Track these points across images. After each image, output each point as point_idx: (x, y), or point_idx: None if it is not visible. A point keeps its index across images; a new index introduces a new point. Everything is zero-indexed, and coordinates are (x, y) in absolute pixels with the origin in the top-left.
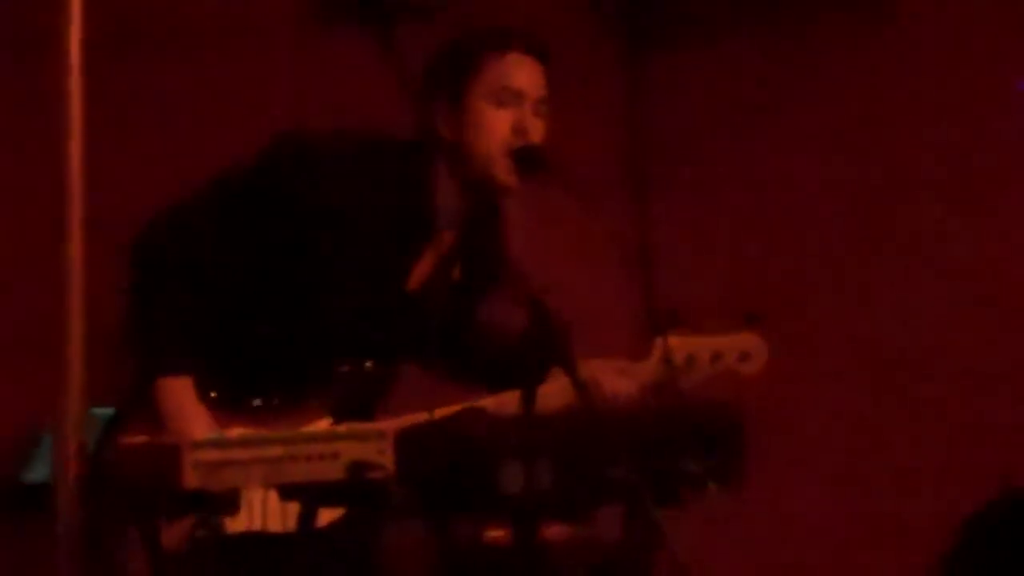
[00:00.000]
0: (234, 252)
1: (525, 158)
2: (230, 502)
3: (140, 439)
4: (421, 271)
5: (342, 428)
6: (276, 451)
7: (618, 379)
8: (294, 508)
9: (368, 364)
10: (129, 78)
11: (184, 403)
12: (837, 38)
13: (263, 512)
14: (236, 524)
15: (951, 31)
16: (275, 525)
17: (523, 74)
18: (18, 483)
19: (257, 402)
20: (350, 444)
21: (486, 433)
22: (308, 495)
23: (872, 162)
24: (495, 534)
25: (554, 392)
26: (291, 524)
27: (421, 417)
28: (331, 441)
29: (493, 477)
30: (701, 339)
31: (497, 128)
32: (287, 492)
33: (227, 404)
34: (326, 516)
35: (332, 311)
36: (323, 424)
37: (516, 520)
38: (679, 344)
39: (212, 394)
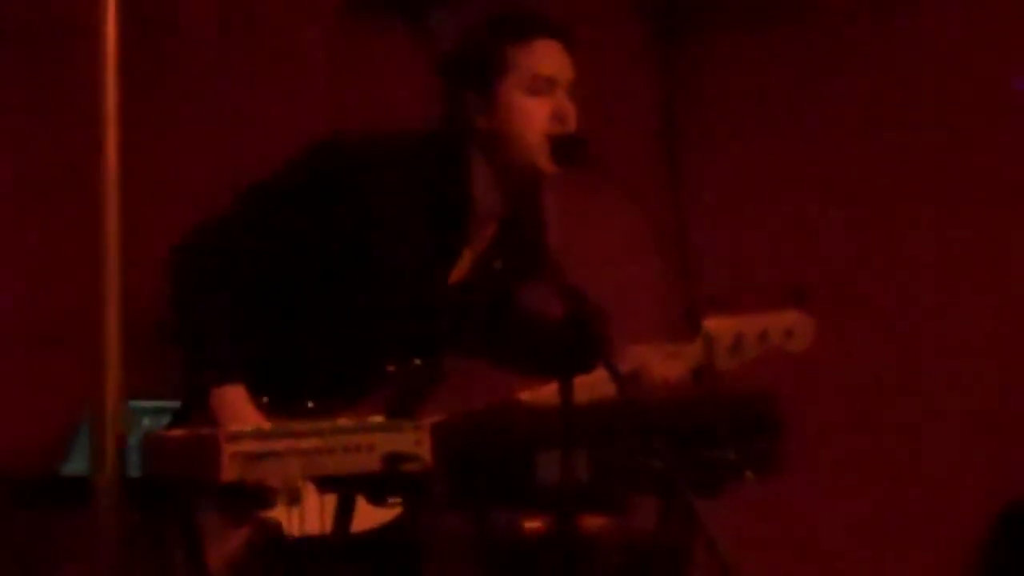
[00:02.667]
0: (276, 258)
1: (564, 147)
2: (266, 495)
3: (180, 431)
4: (463, 265)
5: (378, 420)
6: (313, 443)
7: (668, 363)
8: (331, 508)
9: (417, 362)
10: (164, 73)
11: (239, 411)
12: (872, 22)
13: (301, 514)
14: (293, 525)
15: (980, 15)
16: (313, 526)
17: (552, 60)
18: (56, 476)
19: (310, 404)
20: (387, 436)
21: (524, 424)
22: (345, 487)
23: (910, 146)
24: (532, 525)
25: (594, 382)
26: (328, 524)
27: (458, 410)
28: (368, 433)
29: (531, 468)
30: (746, 318)
31: (534, 117)
32: (324, 484)
33: (279, 408)
34: (375, 518)
35: (377, 310)
36: None
37: (554, 511)
38: (725, 325)
39: (263, 399)
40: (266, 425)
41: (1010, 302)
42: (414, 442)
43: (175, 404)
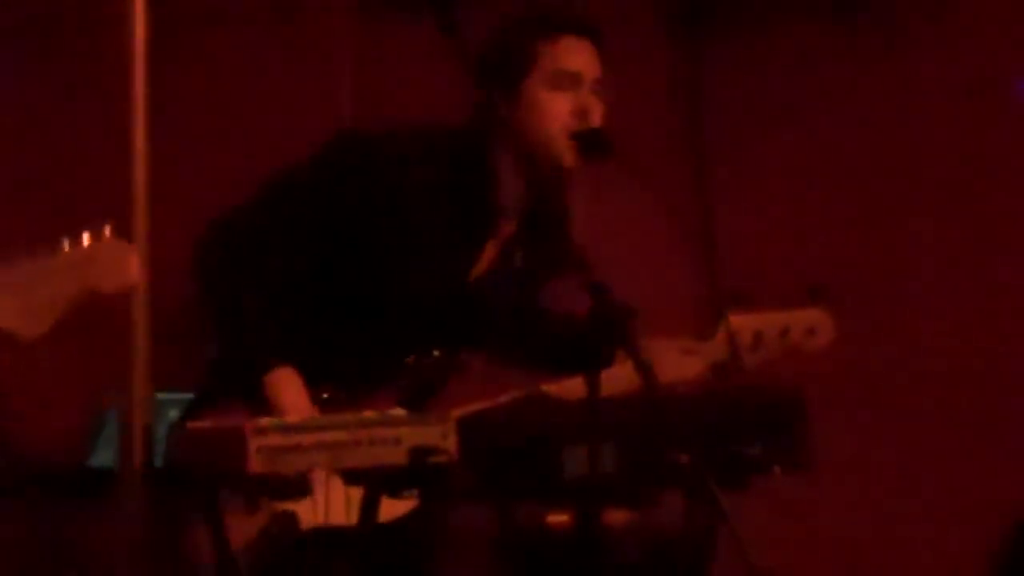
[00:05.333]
0: (297, 249)
1: (587, 141)
2: (296, 487)
3: (206, 424)
4: (485, 258)
5: (405, 413)
6: (339, 436)
7: (683, 360)
8: (357, 500)
9: (436, 354)
10: (190, 65)
11: (295, 394)
12: (901, 12)
13: (327, 505)
14: (305, 519)
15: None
16: (339, 518)
17: (578, 57)
18: (83, 467)
19: (326, 395)
20: (413, 429)
21: (549, 418)
22: (371, 480)
23: (945, 136)
24: (557, 518)
25: (619, 376)
26: (354, 517)
27: (484, 404)
28: (394, 426)
29: (556, 462)
30: (767, 315)
31: (557, 112)
32: (350, 477)
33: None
34: (395, 510)
35: (397, 303)
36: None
37: (578, 505)
38: (746, 322)
39: (323, 394)
40: (301, 416)
41: None
42: (440, 435)
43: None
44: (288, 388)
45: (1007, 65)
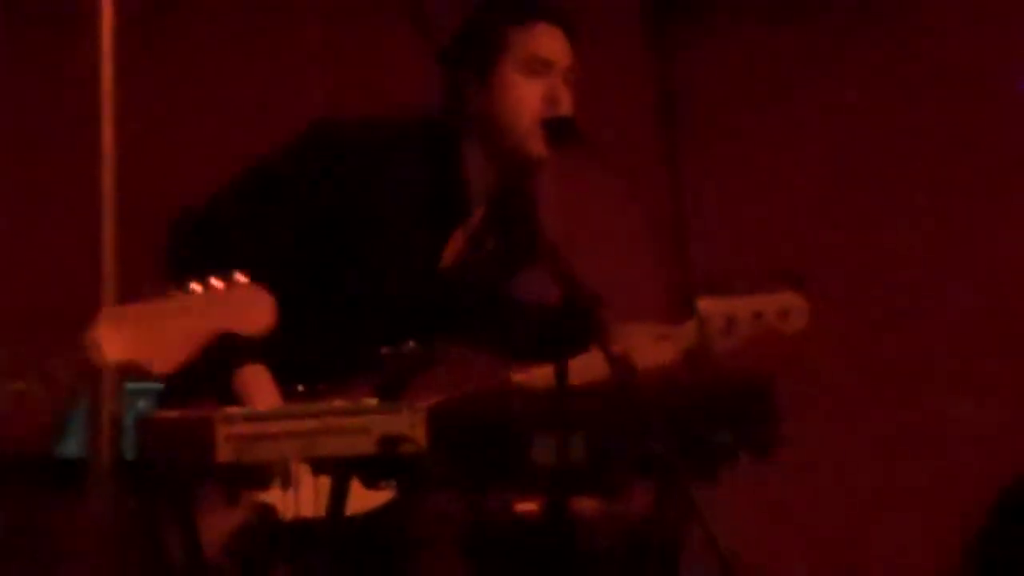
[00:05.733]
0: (269, 238)
1: (556, 129)
2: (262, 476)
3: (174, 413)
4: (454, 247)
5: (374, 402)
6: (309, 425)
7: (656, 346)
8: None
9: (410, 345)
10: (162, 56)
11: (265, 390)
12: (875, 4)
13: (295, 496)
14: (288, 509)
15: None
16: (309, 509)
17: (550, 44)
18: (51, 457)
19: (300, 388)
20: (382, 418)
21: (519, 407)
22: (340, 469)
23: (910, 129)
24: (526, 507)
25: (590, 364)
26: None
27: (456, 393)
28: (363, 415)
29: (525, 450)
30: (740, 299)
31: (528, 99)
32: (320, 467)
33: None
34: (368, 501)
35: (368, 292)
36: None
37: (548, 493)
38: (717, 306)
39: (298, 387)
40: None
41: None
42: (409, 425)
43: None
44: (258, 383)
45: (986, 56)
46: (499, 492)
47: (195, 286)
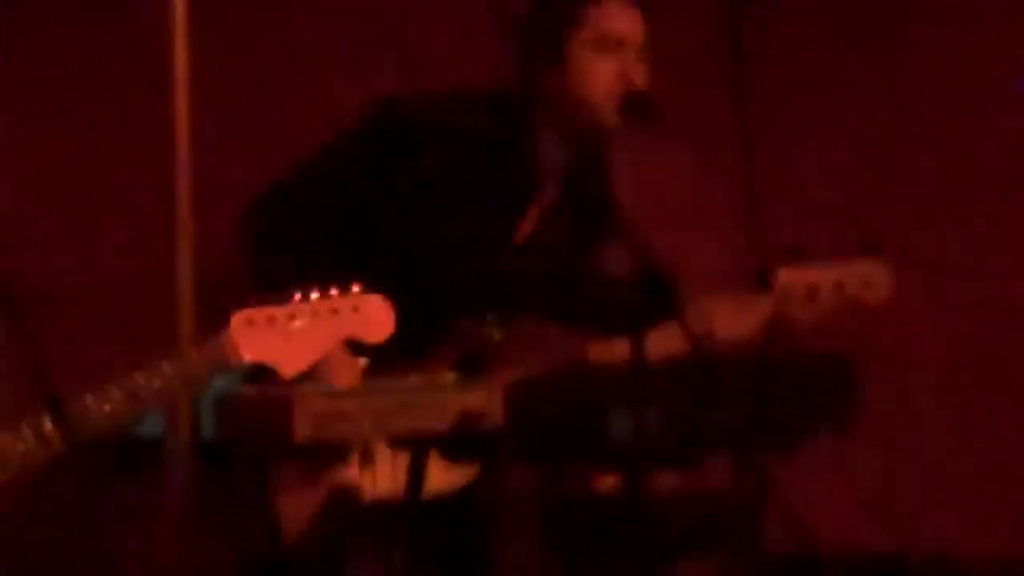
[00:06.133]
0: (344, 222)
1: (632, 104)
2: (340, 452)
3: (251, 391)
4: (528, 223)
5: (451, 378)
6: (385, 402)
7: (737, 317)
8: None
9: (490, 319)
10: (231, 36)
11: (339, 358)
12: None
13: (375, 475)
14: (370, 489)
15: None
16: (387, 488)
17: (623, 21)
18: (130, 438)
19: (365, 359)
20: (459, 395)
21: (596, 382)
22: (418, 445)
23: (977, 112)
24: (604, 482)
25: (667, 337)
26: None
27: (530, 368)
28: (440, 392)
29: (603, 425)
30: (819, 269)
31: (601, 76)
32: (397, 443)
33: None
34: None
35: (442, 268)
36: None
37: (625, 468)
38: (800, 276)
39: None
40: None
41: None
42: (486, 400)
43: None
44: (338, 355)
45: None
46: (577, 468)
47: (316, 294)
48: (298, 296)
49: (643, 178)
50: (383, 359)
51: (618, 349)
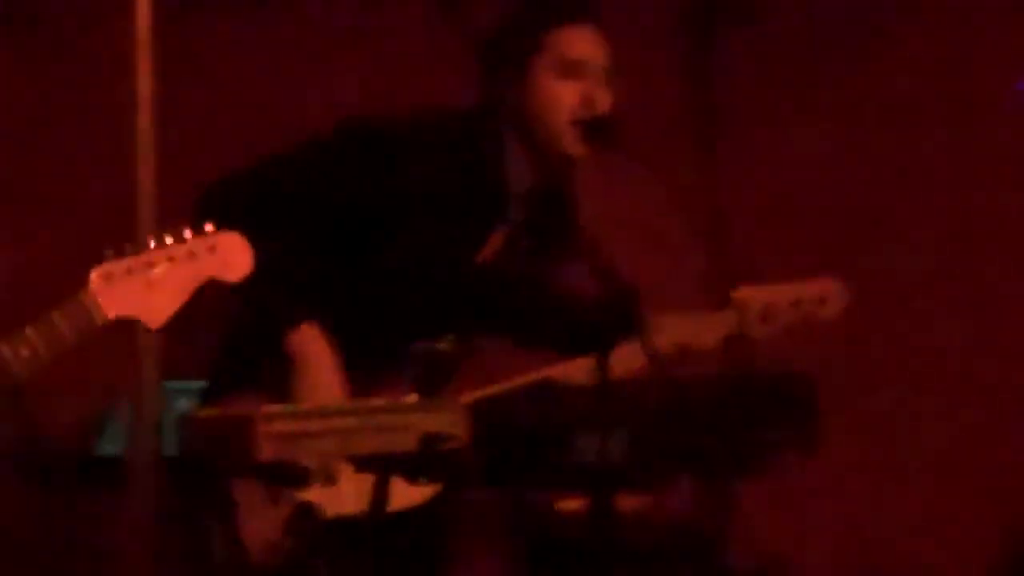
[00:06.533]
0: (301, 233)
1: (592, 129)
2: (302, 474)
3: (214, 411)
4: (493, 243)
5: (416, 399)
6: (349, 422)
7: (695, 333)
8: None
9: (447, 340)
10: (194, 45)
11: (320, 352)
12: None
13: (340, 494)
14: (333, 506)
15: None
16: (350, 507)
17: (584, 45)
18: (91, 456)
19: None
20: (424, 416)
21: (561, 403)
22: (382, 467)
23: (947, 124)
24: (569, 504)
25: (626, 357)
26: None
27: (494, 389)
28: (404, 412)
29: (567, 447)
30: (778, 287)
31: (563, 100)
32: (361, 464)
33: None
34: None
35: (404, 288)
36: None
37: (591, 490)
38: (755, 294)
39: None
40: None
41: None
42: (451, 422)
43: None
44: (315, 344)
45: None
46: (541, 489)
47: (170, 237)
48: (152, 242)
49: (605, 197)
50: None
51: (577, 368)
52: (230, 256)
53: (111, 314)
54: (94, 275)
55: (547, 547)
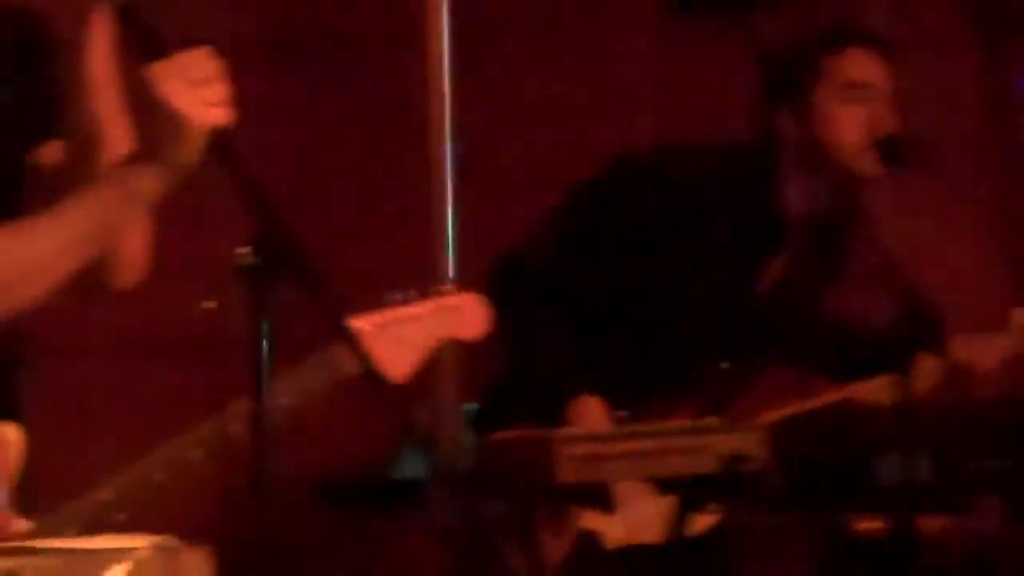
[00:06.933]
0: (588, 276)
1: (889, 149)
2: (603, 497)
3: (513, 433)
4: (774, 272)
5: (716, 421)
6: (648, 445)
7: (978, 354)
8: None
9: (730, 365)
10: (492, 73)
11: (594, 422)
12: None
13: (637, 523)
14: (613, 535)
15: None
16: (642, 535)
17: (866, 68)
18: (388, 479)
19: (624, 413)
20: (724, 437)
21: (863, 423)
22: (681, 488)
23: None
24: (868, 525)
25: (921, 376)
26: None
27: (793, 409)
28: (705, 434)
29: (869, 468)
30: None
31: (851, 125)
32: (662, 487)
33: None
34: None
35: (685, 320)
36: None
37: (892, 511)
38: None
39: (621, 413)
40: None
41: None
42: (752, 443)
43: None
44: (593, 416)
45: None
46: (841, 511)
47: (415, 295)
48: (402, 299)
49: (905, 217)
50: (630, 412)
51: (878, 389)
52: (470, 316)
53: (360, 368)
54: (353, 325)
55: (846, 570)
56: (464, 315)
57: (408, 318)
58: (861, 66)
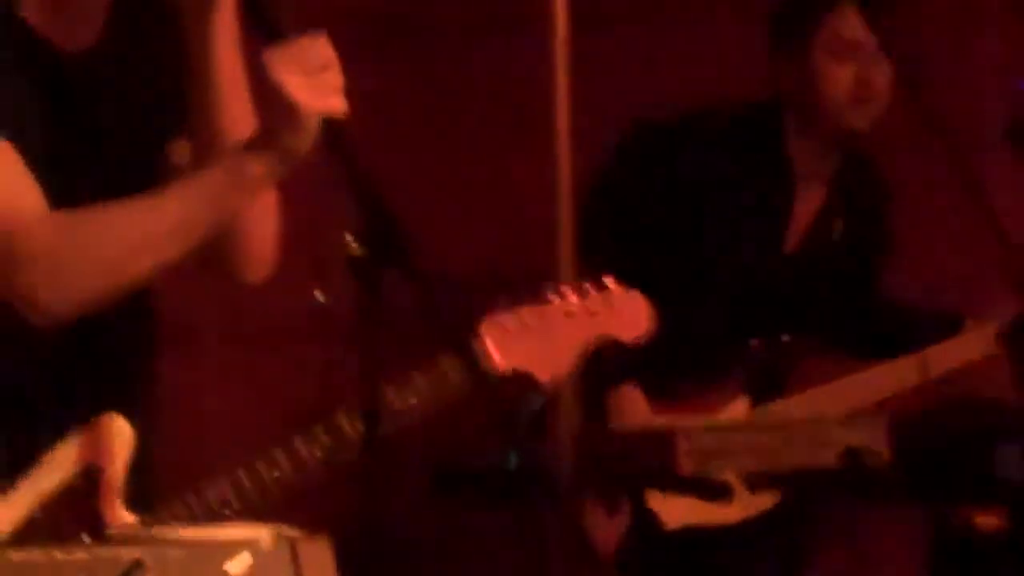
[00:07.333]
0: (621, 248)
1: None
2: (724, 489)
3: (632, 425)
4: (795, 231)
5: (835, 414)
6: (767, 438)
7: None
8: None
9: (781, 338)
10: (607, 63)
11: (637, 411)
12: None
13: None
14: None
15: None
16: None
17: (856, 27)
18: (497, 469)
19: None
20: (846, 430)
21: (983, 417)
22: (798, 482)
23: None
24: (987, 519)
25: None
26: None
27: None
28: (826, 427)
29: (990, 460)
30: None
31: (839, 81)
32: (772, 481)
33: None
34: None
35: (722, 287)
36: (739, 403)
37: (1013, 505)
38: None
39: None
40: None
41: None
42: (872, 436)
43: None
44: (632, 406)
45: None
46: (961, 504)
47: (570, 292)
48: (552, 296)
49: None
50: (664, 381)
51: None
52: (629, 315)
53: (505, 366)
54: (485, 325)
55: (965, 563)
56: (623, 314)
57: (556, 315)
58: (851, 25)
